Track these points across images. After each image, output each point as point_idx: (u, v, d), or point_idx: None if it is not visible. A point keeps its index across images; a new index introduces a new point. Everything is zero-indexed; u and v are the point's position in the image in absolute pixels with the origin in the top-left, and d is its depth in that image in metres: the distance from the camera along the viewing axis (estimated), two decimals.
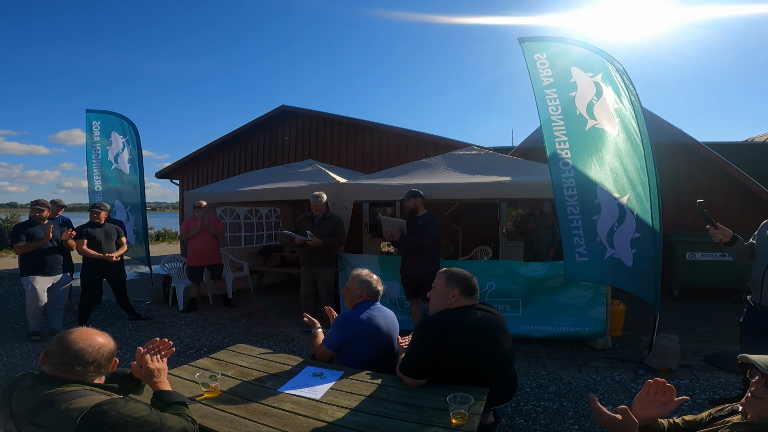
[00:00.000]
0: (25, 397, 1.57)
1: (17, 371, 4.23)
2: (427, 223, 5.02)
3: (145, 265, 7.90)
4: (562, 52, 4.56)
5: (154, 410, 1.67)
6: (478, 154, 6.44)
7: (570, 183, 4.39)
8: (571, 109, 4.44)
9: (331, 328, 2.89)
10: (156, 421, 1.61)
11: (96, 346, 1.68)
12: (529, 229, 7.31)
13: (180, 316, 6.60)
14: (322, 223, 5.62)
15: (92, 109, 8.07)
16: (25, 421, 1.53)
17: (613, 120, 4.43)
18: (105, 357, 1.71)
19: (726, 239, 3.15)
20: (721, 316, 6.46)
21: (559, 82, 4.47)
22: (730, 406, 1.72)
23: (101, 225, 5.92)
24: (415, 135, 10.20)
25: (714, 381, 4.10)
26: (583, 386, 4.00)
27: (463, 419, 1.95)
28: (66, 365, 1.63)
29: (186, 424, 1.72)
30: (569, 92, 4.46)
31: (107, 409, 1.53)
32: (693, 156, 8.23)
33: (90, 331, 1.73)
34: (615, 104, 4.46)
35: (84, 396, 1.57)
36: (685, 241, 7.32)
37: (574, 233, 4.39)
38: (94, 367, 1.67)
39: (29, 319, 5.33)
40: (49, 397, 1.54)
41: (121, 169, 7.83)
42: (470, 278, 2.60)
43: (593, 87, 4.46)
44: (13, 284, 8.92)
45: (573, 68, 4.50)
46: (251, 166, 12.00)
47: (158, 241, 22.49)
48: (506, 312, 5.12)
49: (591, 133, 4.40)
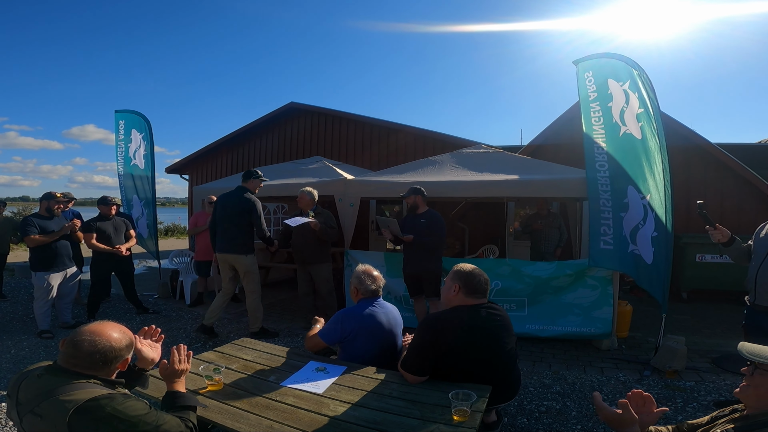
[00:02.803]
0: (32, 386, 1.59)
1: (25, 364, 4.29)
2: (430, 222, 4.92)
3: (154, 259, 8.00)
4: (602, 66, 4.91)
5: (153, 410, 1.63)
6: (486, 152, 6.41)
7: (605, 182, 4.82)
8: (608, 118, 4.86)
9: (330, 321, 2.89)
10: (152, 422, 1.58)
11: (108, 343, 1.67)
12: (535, 228, 7.27)
13: (187, 311, 6.66)
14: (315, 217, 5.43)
15: (120, 109, 8.32)
16: (26, 410, 1.55)
17: (637, 124, 4.64)
18: (116, 354, 1.69)
19: (724, 240, 3.20)
20: (729, 319, 6.39)
21: (601, 95, 4.90)
22: (731, 407, 1.72)
23: (110, 218, 5.94)
24: (423, 133, 10.19)
25: (720, 383, 4.06)
26: (588, 386, 3.98)
27: (465, 416, 1.95)
28: (74, 358, 1.64)
29: (184, 429, 1.69)
30: (607, 103, 4.85)
31: (103, 404, 1.52)
32: (705, 157, 8.14)
33: (107, 327, 1.73)
34: (639, 109, 4.62)
35: (84, 389, 1.56)
36: (696, 243, 7.24)
37: (603, 222, 4.81)
38: (102, 362, 1.66)
39: (37, 316, 5.25)
40: (51, 387, 1.55)
41: (137, 165, 7.98)
42: (475, 277, 2.56)
43: (623, 95, 4.73)
44: (23, 277, 9.04)
45: (609, 80, 4.85)
46: (260, 162, 12.06)
47: (167, 235, 22.64)
48: (511, 311, 5.10)
49: (623, 139, 4.73)
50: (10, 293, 7.54)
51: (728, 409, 1.73)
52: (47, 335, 5.18)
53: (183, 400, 1.85)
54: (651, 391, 3.86)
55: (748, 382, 1.57)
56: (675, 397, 3.78)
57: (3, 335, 5.26)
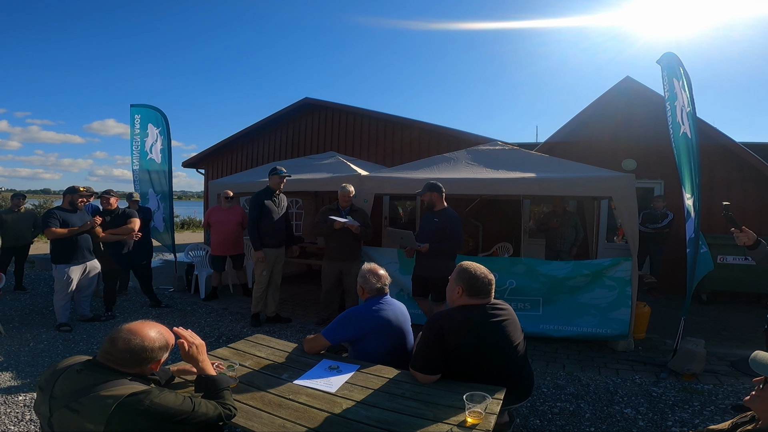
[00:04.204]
0: (70, 380, 1.64)
1: (43, 357, 4.38)
2: (444, 223, 4.65)
3: (170, 253, 8.10)
4: (669, 64, 4.84)
5: (187, 399, 1.72)
6: (503, 149, 6.33)
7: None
8: (674, 118, 4.83)
9: (335, 320, 2.84)
10: (187, 410, 1.67)
11: (141, 343, 1.73)
12: (551, 227, 7.19)
13: (201, 305, 6.72)
14: (351, 215, 5.46)
15: (135, 103, 8.40)
16: (60, 404, 1.59)
17: (687, 122, 4.59)
18: (148, 354, 1.75)
19: (750, 242, 3.12)
20: (750, 321, 6.26)
21: (671, 95, 4.88)
22: (752, 413, 1.69)
23: (112, 211, 5.94)
24: (437, 129, 10.12)
25: (738, 387, 3.99)
26: (602, 388, 3.93)
27: (479, 418, 1.93)
28: (110, 354, 1.70)
29: (221, 411, 1.79)
30: (674, 102, 4.83)
31: (141, 398, 1.59)
32: (728, 156, 7.96)
33: (145, 327, 1.79)
34: (687, 107, 4.57)
35: (123, 385, 1.63)
36: (717, 244, 7.08)
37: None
38: (134, 361, 1.72)
39: (57, 309, 5.31)
40: (92, 383, 1.61)
41: (154, 159, 8.06)
42: (477, 278, 2.51)
43: (681, 93, 4.69)
44: (43, 269, 9.22)
45: (674, 80, 4.80)
46: (274, 157, 12.12)
47: (183, 229, 22.92)
48: (526, 310, 5.06)
49: (683, 138, 4.67)
50: (30, 285, 7.69)
51: (749, 414, 1.70)
52: (66, 328, 5.26)
53: (215, 384, 1.93)
54: (668, 394, 3.81)
55: (758, 393, 1.54)
56: (692, 400, 3.71)
57: (22, 328, 5.37)
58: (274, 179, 5.56)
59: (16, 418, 3.19)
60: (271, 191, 5.60)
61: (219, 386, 1.93)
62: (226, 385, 1.97)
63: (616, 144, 8.66)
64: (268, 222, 5.52)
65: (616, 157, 8.45)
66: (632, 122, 8.61)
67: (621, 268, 4.85)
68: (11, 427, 3.06)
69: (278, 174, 5.55)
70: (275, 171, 5.58)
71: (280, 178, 5.56)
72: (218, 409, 1.79)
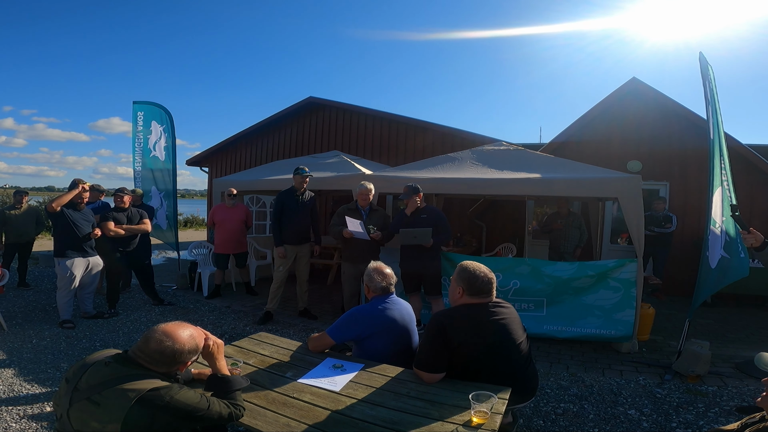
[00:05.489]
0: (98, 372, 1.67)
1: (46, 354, 4.38)
2: (435, 218, 4.84)
3: (174, 250, 8.10)
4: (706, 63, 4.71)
5: (203, 397, 1.77)
6: (507, 149, 6.30)
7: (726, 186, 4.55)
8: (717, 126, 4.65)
9: (340, 319, 2.84)
10: (203, 408, 1.72)
11: (173, 346, 1.76)
12: (555, 228, 7.17)
13: (204, 303, 6.72)
14: (372, 215, 5.25)
15: (138, 100, 8.40)
16: (81, 396, 1.62)
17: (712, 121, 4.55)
18: (178, 357, 1.78)
19: (757, 244, 3.11)
20: (755, 324, 6.24)
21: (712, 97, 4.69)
22: (761, 414, 1.68)
23: (125, 209, 5.95)
24: (442, 130, 10.09)
25: (743, 388, 3.96)
26: (606, 389, 3.92)
27: (485, 418, 1.92)
28: (141, 351, 1.74)
29: (232, 410, 1.84)
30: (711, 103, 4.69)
31: (162, 393, 1.64)
32: (735, 159, 7.90)
33: (179, 328, 1.82)
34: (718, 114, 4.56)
35: (145, 380, 1.67)
36: None
37: None
38: (163, 362, 1.75)
39: (60, 306, 5.30)
40: (117, 376, 1.65)
41: (157, 157, 8.07)
42: (478, 278, 2.52)
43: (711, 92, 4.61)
44: (47, 266, 9.24)
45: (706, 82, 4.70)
46: (278, 155, 12.12)
47: (186, 227, 22.97)
48: (530, 311, 5.04)
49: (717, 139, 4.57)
50: (33, 282, 7.71)
51: (758, 415, 1.69)
52: (69, 325, 5.25)
53: (228, 385, 1.95)
54: (672, 396, 3.79)
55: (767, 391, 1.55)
56: (696, 402, 3.69)
57: (25, 324, 5.36)
58: (296, 178, 5.63)
59: (17, 416, 3.18)
60: (294, 190, 5.67)
61: (233, 387, 1.95)
62: (240, 386, 1.99)
63: (621, 145, 8.62)
64: (288, 219, 5.61)
65: (621, 158, 8.42)
66: (638, 124, 8.57)
67: (626, 269, 4.83)
68: (12, 425, 3.04)
69: (300, 174, 5.60)
70: (297, 171, 5.64)
71: (302, 177, 5.61)
72: (229, 409, 1.83)
